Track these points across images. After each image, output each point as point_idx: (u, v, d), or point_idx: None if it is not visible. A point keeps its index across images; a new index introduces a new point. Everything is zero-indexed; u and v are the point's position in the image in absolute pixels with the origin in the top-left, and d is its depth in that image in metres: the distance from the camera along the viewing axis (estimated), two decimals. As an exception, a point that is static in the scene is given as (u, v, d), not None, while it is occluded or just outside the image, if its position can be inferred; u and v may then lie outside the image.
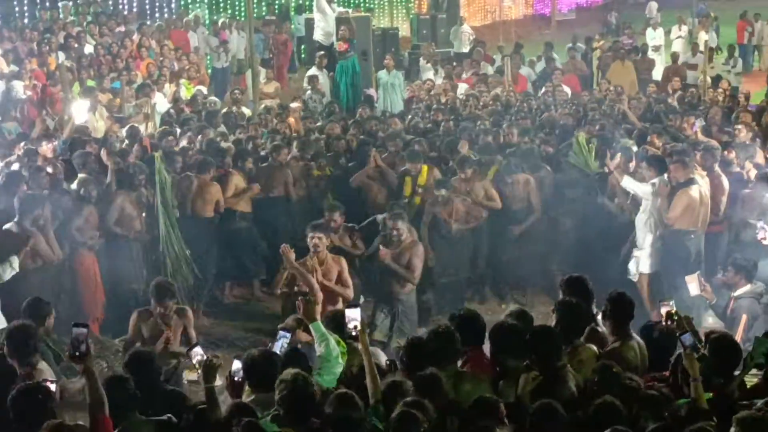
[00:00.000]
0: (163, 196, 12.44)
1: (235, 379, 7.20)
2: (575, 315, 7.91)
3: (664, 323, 7.71)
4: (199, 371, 7.01)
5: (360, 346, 7.09)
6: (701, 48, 23.07)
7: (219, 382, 7.20)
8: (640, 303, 10.89)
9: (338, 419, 6.31)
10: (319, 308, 8.76)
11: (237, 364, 7.28)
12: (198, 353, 7.23)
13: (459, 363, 7.53)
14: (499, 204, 13.32)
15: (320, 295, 9.91)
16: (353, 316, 7.11)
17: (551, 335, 7.36)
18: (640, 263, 12.36)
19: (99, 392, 6.28)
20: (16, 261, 10.65)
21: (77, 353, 6.26)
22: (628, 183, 12.37)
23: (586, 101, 19.15)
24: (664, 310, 7.73)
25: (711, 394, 6.79)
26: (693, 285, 9.68)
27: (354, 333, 7.08)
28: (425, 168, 13.55)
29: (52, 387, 6.56)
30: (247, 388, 7.26)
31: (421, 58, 24.98)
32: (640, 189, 12.27)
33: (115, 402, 6.54)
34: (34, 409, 6.39)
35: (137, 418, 6.74)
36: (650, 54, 27.01)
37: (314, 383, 6.71)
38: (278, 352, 7.52)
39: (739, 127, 14.58)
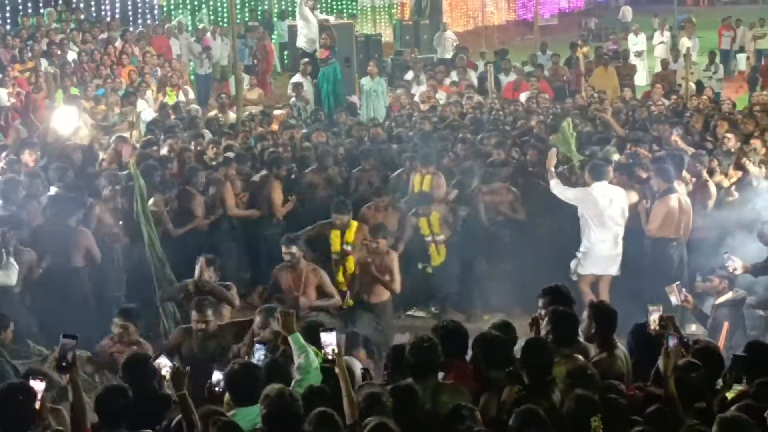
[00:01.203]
0: (142, 202, 12.44)
1: (216, 389, 7.19)
2: (567, 324, 7.91)
3: (653, 328, 7.72)
4: (168, 380, 6.92)
5: (337, 370, 7.00)
6: (683, 54, 23.15)
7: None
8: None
9: None
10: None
11: (218, 375, 7.26)
12: (165, 363, 7.13)
13: (442, 374, 7.51)
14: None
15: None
16: (329, 341, 7.01)
17: (544, 348, 7.33)
18: (580, 264, 12.47)
19: (82, 404, 6.28)
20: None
21: (63, 364, 6.25)
22: (555, 187, 12.40)
23: (568, 108, 19.17)
24: (655, 316, 7.73)
25: (704, 404, 6.87)
26: (673, 296, 9.70)
27: (331, 357, 7.00)
28: (354, 224, 12.28)
29: (37, 386, 6.41)
30: (227, 399, 7.25)
31: (410, 71, 24.89)
32: (566, 194, 12.38)
33: (109, 413, 6.56)
34: (16, 410, 6.32)
35: None
36: (633, 59, 27.17)
37: (299, 400, 6.69)
38: (255, 362, 7.55)
39: (729, 135, 14.60)
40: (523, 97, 21.50)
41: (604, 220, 12.21)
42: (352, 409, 6.78)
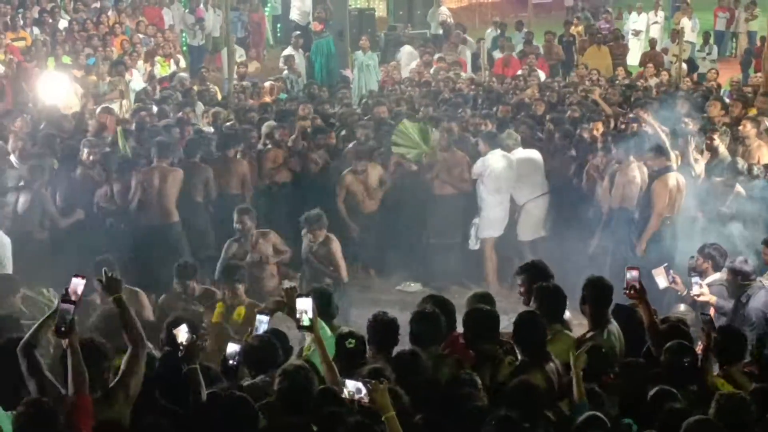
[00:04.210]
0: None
1: (230, 362, 7.12)
2: (555, 299, 7.86)
3: (625, 291, 7.69)
4: (182, 349, 6.81)
5: (312, 335, 7.05)
6: (687, 36, 23.05)
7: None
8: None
9: (324, 416, 6.28)
10: None
11: (232, 348, 7.20)
12: (184, 331, 6.93)
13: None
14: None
15: None
16: (305, 307, 7.02)
17: (538, 322, 7.34)
18: (481, 229, 13.37)
19: (81, 369, 6.22)
20: None
21: (63, 328, 6.18)
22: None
23: (559, 87, 19.12)
24: (633, 273, 7.71)
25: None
26: (660, 278, 9.68)
27: (306, 323, 7.01)
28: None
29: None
30: None
31: (407, 46, 24.67)
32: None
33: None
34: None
35: None
36: (630, 38, 27.05)
37: (315, 377, 6.65)
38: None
39: (745, 122, 14.42)
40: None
41: (500, 186, 13.17)
42: (332, 375, 6.81)
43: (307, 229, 11.64)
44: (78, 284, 6.49)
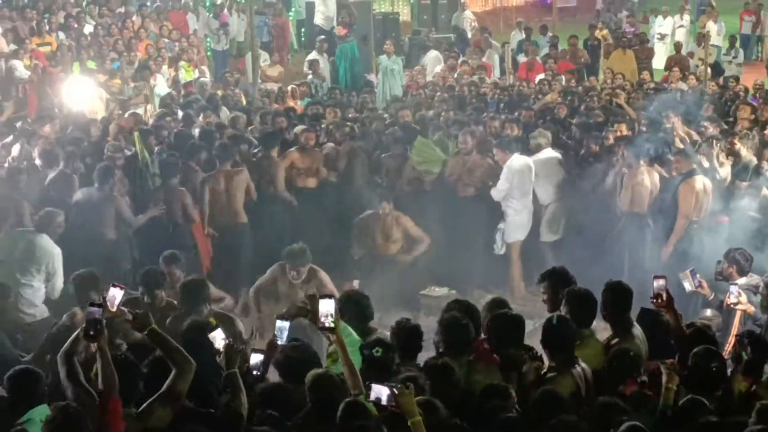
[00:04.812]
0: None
1: (254, 373, 7.07)
2: (585, 304, 7.80)
3: (652, 299, 7.64)
4: (221, 355, 6.82)
5: (334, 338, 6.84)
6: (713, 40, 22.92)
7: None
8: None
9: (352, 429, 6.18)
10: None
11: (256, 358, 7.14)
12: (220, 336, 6.97)
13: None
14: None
15: None
16: (328, 309, 6.79)
17: (568, 326, 7.30)
18: (507, 233, 13.32)
19: (111, 372, 6.22)
20: None
21: (91, 332, 6.21)
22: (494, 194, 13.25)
23: (580, 91, 19.03)
24: (660, 282, 7.66)
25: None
26: (686, 282, 9.58)
27: (328, 325, 6.77)
28: None
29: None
30: None
31: (433, 51, 24.57)
32: (501, 188, 13.17)
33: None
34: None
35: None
36: (656, 42, 26.92)
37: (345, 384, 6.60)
38: (282, 342, 7.28)
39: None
40: (538, 78, 21.37)
41: (525, 189, 13.19)
42: (355, 379, 6.65)
43: (290, 265, 10.63)
44: (116, 294, 6.53)
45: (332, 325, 6.78)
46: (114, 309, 6.51)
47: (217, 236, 12.81)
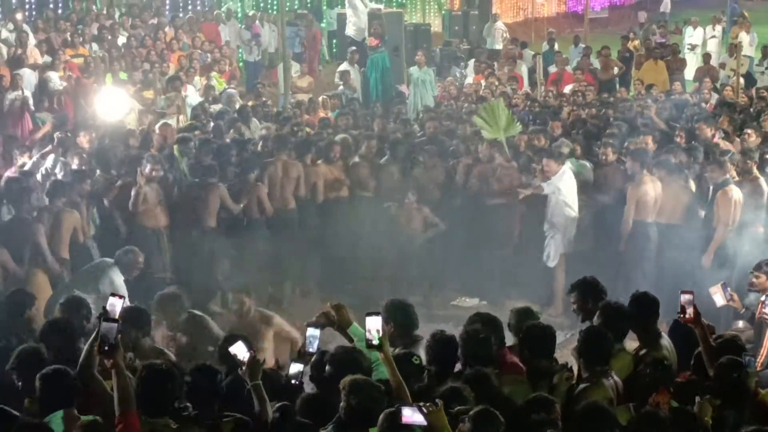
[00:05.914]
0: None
1: (293, 382, 7.01)
2: (619, 317, 7.76)
3: (680, 315, 7.57)
4: (244, 368, 6.80)
5: (382, 356, 6.69)
6: (745, 51, 22.78)
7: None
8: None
9: None
10: None
11: (296, 368, 7.08)
12: (243, 349, 6.90)
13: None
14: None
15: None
16: (374, 326, 6.63)
17: (605, 338, 7.27)
18: (556, 246, 13.11)
19: (127, 387, 6.20)
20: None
21: (106, 348, 6.14)
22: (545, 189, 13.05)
23: (612, 102, 18.98)
24: (688, 297, 7.57)
25: None
26: (718, 296, 9.46)
27: (374, 342, 6.63)
28: None
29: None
30: None
31: (472, 61, 24.65)
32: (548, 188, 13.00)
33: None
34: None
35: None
36: (686, 53, 26.80)
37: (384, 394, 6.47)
38: (313, 351, 7.25)
39: (749, 131, 14.41)
40: (568, 89, 21.33)
41: (574, 199, 13.03)
42: (402, 395, 6.53)
43: (161, 315, 9.42)
44: (115, 304, 6.52)
45: (378, 342, 6.64)
46: (115, 317, 6.44)
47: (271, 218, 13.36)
